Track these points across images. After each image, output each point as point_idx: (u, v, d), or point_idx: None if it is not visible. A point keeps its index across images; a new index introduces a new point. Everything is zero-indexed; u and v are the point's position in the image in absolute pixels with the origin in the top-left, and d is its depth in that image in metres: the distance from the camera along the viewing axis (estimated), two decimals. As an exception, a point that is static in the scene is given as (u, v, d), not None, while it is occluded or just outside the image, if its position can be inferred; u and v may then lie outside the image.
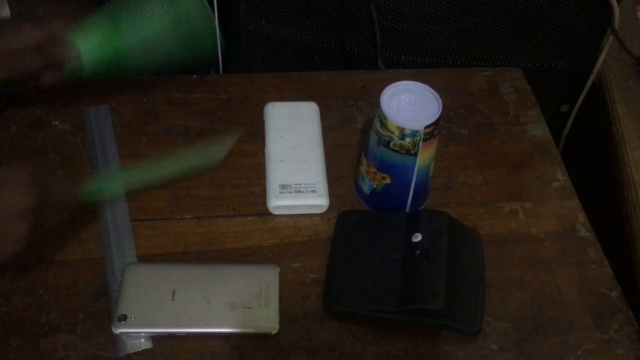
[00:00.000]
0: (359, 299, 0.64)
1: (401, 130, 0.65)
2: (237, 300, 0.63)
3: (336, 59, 0.99)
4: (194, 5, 0.73)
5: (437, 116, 0.65)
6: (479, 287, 0.66)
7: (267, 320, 0.62)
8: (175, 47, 0.73)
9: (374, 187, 0.71)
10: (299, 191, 0.72)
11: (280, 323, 0.62)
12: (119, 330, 0.61)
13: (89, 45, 0.71)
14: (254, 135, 0.79)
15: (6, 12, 0.82)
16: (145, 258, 0.68)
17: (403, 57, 0.97)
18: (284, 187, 0.72)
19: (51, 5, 0.80)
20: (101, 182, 0.72)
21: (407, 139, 0.65)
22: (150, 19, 0.72)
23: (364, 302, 0.64)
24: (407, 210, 0.72)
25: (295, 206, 0.72)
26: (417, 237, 0.66)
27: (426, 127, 0.64)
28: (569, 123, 1.02)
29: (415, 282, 0.62)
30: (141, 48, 0.72)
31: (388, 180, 0.70)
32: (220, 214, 0.72)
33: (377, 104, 0.66)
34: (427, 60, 0.98)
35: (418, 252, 0.64)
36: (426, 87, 0.68)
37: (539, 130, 0.83)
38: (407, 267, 0.64)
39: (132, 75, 0.82)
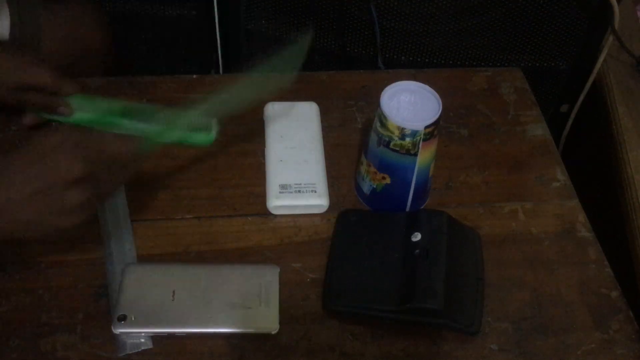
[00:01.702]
0: (358, 299, 0.64)
1: (401, 130, 0.65)
2: (237, 300, 0.63)
3: (336, 59, 0.99)
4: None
5: (437, 116, 0.65)
6: (479, 287, 0.66)
7: (267, 320, 0.62)
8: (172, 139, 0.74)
9: (374, 187, 0.71)
10: (299, 191, 0.72)
11: (280, 323, 0.62)
12: (119, 330, 0.61)
13: (84, 110, 0.75)
14: (254, 135, 0.79)
15: (6, 20, 0.82)
16: (145, 258, 0.68)
17: (403, 57, 0.97)
18: (284, 187, 0.72)
19: (63, 11, 0.81)
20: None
21: (407, 139, 0.65)
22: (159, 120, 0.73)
23: (363, 302, 0.64)
24: (407, 210, 0.72)
25: (295, 206, 0.72)
26: (417, 237, 0.66)
27: (426, 127, 0.64)
28: (569, 123, 1.02)
29: (415, 282, 0.62)
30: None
31: (388, 180, 0.70)
32: (220, 214, 0.72)
33: (377, 104, 0.66)
34: (427, 60, 0.98)
35: (417, 251, 0.64)
36: (426, 87, 0.68)
37: (539, 130, 0.83)
38: (406, 266, 0.64)
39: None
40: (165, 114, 0.73)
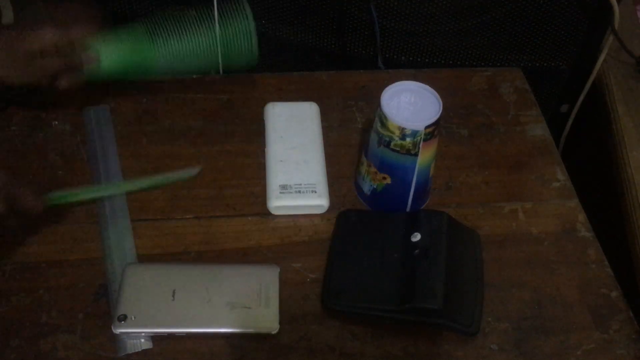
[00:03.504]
0: (358, 298, 0.64)
1: (401, 130, 0.65)
2: (237, 300, 0.63)
3: (336, 59, 0.99)
4: (239, 27, 0.73)
5: (437, 116, 0.65)
6: (478, 287, 0.66)
7: (267, 320, 0.62)
8: (212, 63, 0.73)
9: (375, 187, 0.71)
10: (299, 191, 0.72)
11: (280, 323, 0.62)
12: (119, 330, 0.61)
13: (109, 50, 0.71)
14: (254, 135, 0.79)
15: (9, 17, 0.82)
16: (145, 258, 0.68)
17: (403, 57, 0.97)
18: (284, 187, 0.72)
19: (63, 9, 0.81)
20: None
21: (408, 139, 0.65)
22: (191, 37, 0.72)
23: (362, 301, 0.64)
24: (408, 210, 0.72)
25: (295, 206, 0.72)
26: (416, 237, 0.66)
27: (426, 127, 0.64)
28: (569, 123, 1.02)
29: (414, 282, 0.62)
30: (176, 61, 0.72)
31: (388, 181, 0.70)
32: (220, 214, 0.72)
33: (377, 104, 0.66)
34: (427, 60, 0.98)
35: (417, 251, 0.64)
36: (426, 87, 0.68)
37: (539, 130, 0.83)
38: (406, 266, 0.64)
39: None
40: (199, 40, 0.72)
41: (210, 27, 0.72)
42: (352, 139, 0.80)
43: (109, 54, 0.72)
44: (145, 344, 0.61)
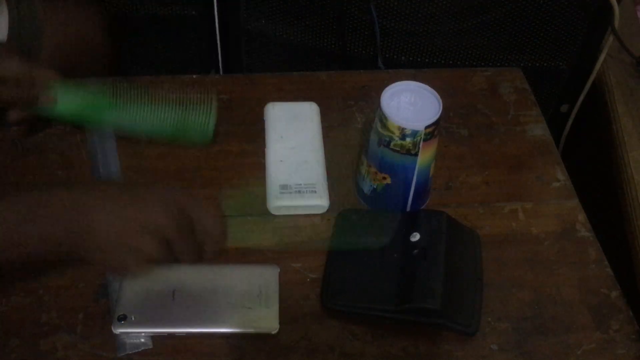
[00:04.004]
0: (356, 298, 0.64)
1: (402, 130, 0.65)
2: (237, 300, 0.63)
3: (336, 59, 0.99)
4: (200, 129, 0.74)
5: (437, 116, 0.65)
6: (477, 287, 0.66)
7: (267, 320, 0.62)
8: (165, 136, 0.74)
9: (375, 187, 0.71)
10: (299, 191, 0.72)
11: (280, 323, 0.62)
12: (119, 330, 0.61)
13: (68, 97, 0.72)
14: (254, 135, 0.79)
15: (4, 20, 0.82)
16: (145, 258, 0.67)
17: (403, 57, 0.97)
18: (284, 187, 0.72)
19: (61, 9, 0.80)
20: None
21: (408, 139, 0.65)
22: (150, 109, 0.72)
23: (361, 301, 0.64)
24: (408, 210, 0.72)
25: (295, 207, 0.72)
26: (416, 237, 0.66)
27: (426, 127, 0.64)
28: (569, 123, 1.02)
29: (413, 282, 0.62)
30: (129, 126, 0.73)
31: (389, 181, 0.70)
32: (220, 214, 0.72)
33: (377, 104, 0.66)
34: (427, 60, 0.98)
35: (416, 251, 0.64)
36: (426, 87, 0.68)
37: (539, 130, 0.83)
38: (405, 266, 0.64)
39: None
40: (157, 109, 0.72)
41: (172, 106, 0.73)
42: (352, 139, 0.80)
43: (67, 101, 0.72)
44: (145, 344, 0.61)
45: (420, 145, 0.66)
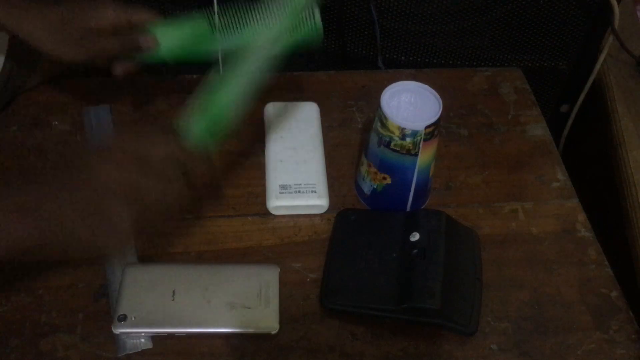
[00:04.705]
0: (356, 297, 0.64)
1: (402, 130, 0.65)
2: (237, 300, 0.63)
3: (336, 59, 0.99)
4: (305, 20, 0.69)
5: (437, 116, 0.65)
6: (476, 287, 0.66)
7: (267, 320, 0.62)
8: (277, 47, 0.68)
9: (375, 187, 0.71)
10: (299, 191, 0.72)
11: (280, 323, 0.62)
12: (119, 330, 0.61)
13: (169, 36, 0.68)
14: (254, 135, 0.79)
15: None
16: (145, 258, 0.68)
17: (403, 57, 0.97)
18: (283, 187, 0.72)
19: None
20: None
21: (408, 139, 0.65)
22: (254, 32, 0.68)
23: (360, 301, 0.64)
24: (408, 210, 0.72)
25: (295, 206, 0.72)
26: (415, 236, 0.66)
27: (427, 127, 0.64)
28: (569, 123, 1.02)
29: (412, 281, 0.62)
30: (238, 50, 0.67)
31: (389, 181, 0.70)
32: (220, 214, 0.72)
33: (377, 104, 0.66)
34: (427, 60, 0.98)
35: (415, 251, 0.64)
36: (426, 87, 0.68)
37: (539, 130, 0.83)
38: (404, 266, 0.64)
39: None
40: (255, 20, 0.68)
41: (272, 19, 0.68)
42: (352, 139, 0.80)
43: (169, 39, 0.69)
44: (145, 344, 0.61)
45: (420, 145, 0.66)
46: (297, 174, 0.73)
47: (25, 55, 0.77)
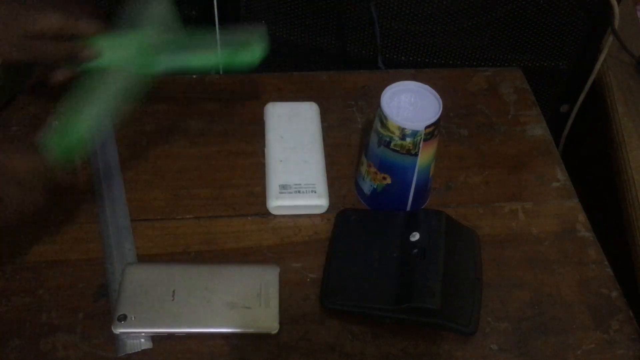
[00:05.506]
0: (356, 297, 0.64)
1: (402, 130, 0.65)
2: (237, 300, 0.63)
3: (336, 59, 0.99)
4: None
5: (437, 116, 0.65)
6: (476, 287, 0.66)
7: (267, 320, 0.62)
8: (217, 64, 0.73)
9: (375, 187, 0.71)
10: (299, 191, 0.72)
11: (280, 323, 0.62)
12: (119, 330, 0.61)
13: (112, 48, 0.68)
14: (254, 135, 0.79)
15: None
16: (145, 258, 0.68)
17: (403, 57, 0.97)
18: (283, 187, 0.72)
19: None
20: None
21: (408, 139, 0.65)
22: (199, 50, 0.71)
23: (360, 300, 0.64)
24: (408, 210, 0.72)
25: (295, 206, 0.72)
26: (415, 236, 0.66)
27: (427, 127, 0.64)
28: (569, 123, 1.02)
29: (412, 281, 0.62)
30: (180, 66, 0.71)
31: (389, 181, 0.70)
32: (220, 214, 0.72)
33: (377, 104, 0.66)
34: (427, 60, 0.98)
35: (415, 251, 0.64)
36: (426, 87, 0.68)
37: (539, 130, 0.83)
38: (404, 265, 0.64)
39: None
40: (201, 39, 0.70)
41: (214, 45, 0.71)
42: (352, 139, 0.80)
43: (112, 52, 0.69)
44: (145, 344, 0.61)
45: (420, 145, 0.66)
46: (297, 174, 0.73)
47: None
